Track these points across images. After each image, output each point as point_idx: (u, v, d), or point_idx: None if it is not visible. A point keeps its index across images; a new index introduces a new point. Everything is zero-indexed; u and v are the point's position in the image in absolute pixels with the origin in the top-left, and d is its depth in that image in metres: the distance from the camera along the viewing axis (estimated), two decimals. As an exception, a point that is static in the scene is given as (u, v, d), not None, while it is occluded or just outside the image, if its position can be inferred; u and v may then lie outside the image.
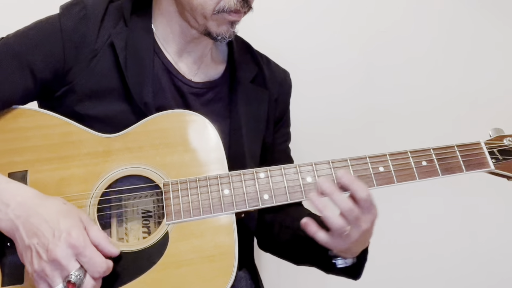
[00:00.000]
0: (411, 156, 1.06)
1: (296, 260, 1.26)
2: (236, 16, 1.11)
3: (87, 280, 0.89)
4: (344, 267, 1.10)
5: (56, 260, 0.87)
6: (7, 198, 0.94)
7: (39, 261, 0.89)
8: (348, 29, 1.81)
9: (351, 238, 0.99)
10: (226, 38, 1.13)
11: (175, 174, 1.04)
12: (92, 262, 0.90)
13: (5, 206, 0.93)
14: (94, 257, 0.90)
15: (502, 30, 1.89)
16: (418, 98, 1.83)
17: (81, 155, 1.05)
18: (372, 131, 1.78)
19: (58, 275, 0.88)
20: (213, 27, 1.11)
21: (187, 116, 1.09)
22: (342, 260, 1.10)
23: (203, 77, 1.22)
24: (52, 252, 0.87)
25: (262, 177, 1.04)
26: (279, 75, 1.32)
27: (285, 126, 1.35)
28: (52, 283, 0.88)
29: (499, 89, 1.86)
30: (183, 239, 0.99)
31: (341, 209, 0.98)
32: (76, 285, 0.87)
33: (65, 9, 1.12)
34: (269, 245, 1.31)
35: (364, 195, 0.97)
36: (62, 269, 0.88)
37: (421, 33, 1.85)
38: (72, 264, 0.88)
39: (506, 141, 1.07)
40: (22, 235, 0.91)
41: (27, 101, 1.11)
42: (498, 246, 1.90)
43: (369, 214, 0.99)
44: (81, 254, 0.89)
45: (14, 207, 0.92)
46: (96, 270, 0.90)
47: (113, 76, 1.11)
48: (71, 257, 0.88)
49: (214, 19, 1.10)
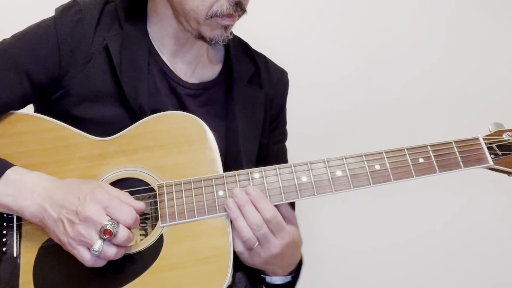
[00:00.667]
0: (407, 153, 1.04)
1: None
2: (229, 20, 1.10)
3: (121, 228, 0.92)
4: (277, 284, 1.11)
5: (88, 217, 0.91)
6: (31, 184, 0.97)
7: (72, 227, 0.92)
8: (345, 27, 1.80)
9: (260, 257, 1.01)
10: (220, 42, 1.12)
11: (170, 176, 1.04)
12: (121, 211, 0.93)
13: (31, 192, 0.96)
14: (121, 206, 0.94)
15: (502, 25, 1.88)
16: (415, 95, 1.82)
17: (76, 158, 1.05)
18: (369, 128, 1.76)
19: (93, 232, 0.91)
20: (207, 32, 1.10)
21: (181, 118, 1.08)
22: (277, 277, 1.11)
23: (199, 78, 1.21)
24: (82, 212, 0.91)
25: (257, 178, 1.03)
26: (276, 75, 1.31)
27: (280, 126, 1.34)
28: (90, 241, 0.91)
29: (500, 84, 1.84)
30: (178, 241, 0.99)
31: (249, 223, 0.98)
32: (113, 233, 0.90)
33: (60, 12, 1.12)
34: None
35: (268, 215, 0.99)
36: (95, 224, 0.91)
37: (419, 29, 1.84)
38: (103, 217, 0.92)
39: (506, 136, 1.05)
40: (50, 212, 0.94)
41: (23, 105, 1.11)
42: (497, 244, 1.88)
43: (279, 239, 1.00)
44: (108, 207, 0.93)
45: (40, 192, 0.96)
46: (127, 217, 0.93)
47: (108, 79, 1.11)
48: (101, 211, 0.92)
49: (207, 24, 1.09)
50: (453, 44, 1.86)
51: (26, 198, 0.96)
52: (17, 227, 1.01)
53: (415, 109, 1.81)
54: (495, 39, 1.88)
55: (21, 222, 1.02)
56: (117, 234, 0.91)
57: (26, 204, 0.96)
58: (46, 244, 1.00)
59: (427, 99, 1.82)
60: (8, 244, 1.00)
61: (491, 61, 1.87)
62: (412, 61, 1.83)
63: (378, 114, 1.80)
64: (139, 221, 0.98)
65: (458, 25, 1.87)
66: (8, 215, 1.02)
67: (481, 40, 1.87)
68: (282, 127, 1.35)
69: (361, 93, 1.80)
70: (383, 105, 1.80)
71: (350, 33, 1.80)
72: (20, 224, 1.01)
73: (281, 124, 1.34)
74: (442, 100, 1.83)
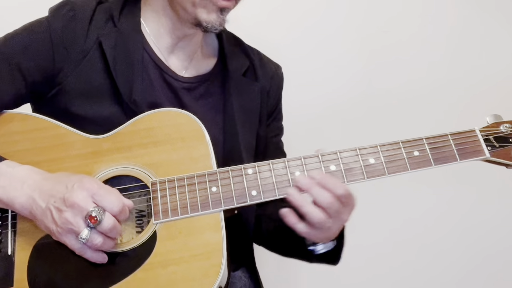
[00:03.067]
0: (402, 146, 1.03)
1: (282, 252, 1.26)
2: (225, 3, 1.09)
3: (107, 215, 0.93)
4: (323, 253, 1.10)
5: (75, 204, 0.92)
6: (22, 176, 0.98)
7: (59, 214, 0.93)
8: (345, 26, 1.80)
9: (333, 230, 1.00)
10: (217, 27, 1.11)
11: (164, 173, 1.03)
12: (108, 199, 0.94)
13: (21, 184, 0.97)
14: (108, 194, 0.95)
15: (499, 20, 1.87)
16: (413, 88, 1.81)
17: (70, 157, 1.05)
18: (364, 122, 1.76)
19: (80, 219, 0.92)
20: (203, 15, 1.10)
21: (175, 114, 1.08)
22: (323, 244, 1.09)
23: (194, 72, 1.21)
24: (69, 198, 0.92)
25: (250, 173, 1.03)
26: (271, 68, 1.31)
27: (277, 120, 1.34)
28: (77, 229, 0.92)
29: (498, 77, 1.82)
30: (171, 238, 0.99)
31: (321, 205, 0.97)
32: (98, 220, 0.91)
33: (53, 11, 1.13)
34: (259, 238, 1.30)
35: (340, 191, 0.97)
36: (82, 210, 0.92)
37: (416, 24, 1.83)
38: (89, 203, 0.92)
39: (503, 128, 1.03)
40: (38, 202, 0.95)
41: (19, 104, 1.12)
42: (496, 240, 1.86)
43: (349, 206, 0.99)
44: (95, 194, 0.93)
45: (30, 183, 0.97)
46: (113, 205, 0.94)
47: (102, 76, 1.11)
48: (88, 198, 0.93)
49: (202, 6, 1.09)
50: (450, 38, 1.85)
51: (16, 189, 0.97)
52: (11, 225, 1.02)
53: (413, 103, 1.80)
54: (492, 33, 1.87)
55: (15, 220, 1.02)
56: (102, 221, 0.92)
57: (16, 195, 0.97)
58: (40, 242, 1.00)
59: (425, 92, 1.81)
60: (2, 242, 1.01)
61: (490, 54, 1.85)
62: (410, 55, 1.82)
63: (374, 109, 1.79)
64: (129, 215, 0.98)
65: (455, 20, 1.86)
66: (3, 214, 1.03)
67: (478, 33, 1.86)
68: (279, 121, 1.35)
69: (356, 86, 1.80)
70: (378, 99, 1.80)
71: (349, 32, 1.80)
72: (14, 223, 1.02)
73: (278, 118, 1.34)
74: (441, 94, 1.82)
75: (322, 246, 1.09)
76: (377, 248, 1.80)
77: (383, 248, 1.81)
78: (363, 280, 1.82)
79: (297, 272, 1.80)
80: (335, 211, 0.97)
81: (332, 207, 0.97)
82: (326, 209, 0.97)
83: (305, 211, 0.98)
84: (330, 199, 0.97)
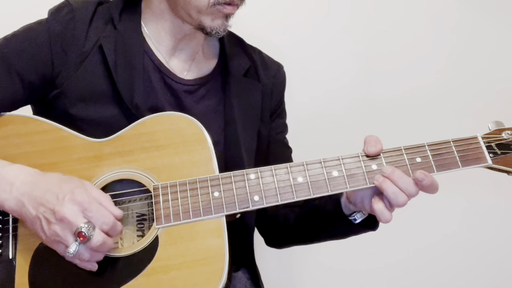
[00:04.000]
0: (405, 152, 1.03)
1: (311, 237, 1.26)
2: (231, 9, 1.10)
3: (97, 232, 0.91)
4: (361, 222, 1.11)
5: (64, 218, 0.90)
6: (11, 177, 0.97)
7: (49, 226, 0.91)
8: (345, 26, 1.80)
9: None
10: (221, 33, 1.12)
11: (166, 177, 1.03)
12: (98, 215, 0.92)
13: (10, 186, 0.96)
14: (99, 210, 0.93)
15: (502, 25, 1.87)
16: (414, 94, 1.81)
17: (72, 160, 1.05)
18: (366, 128, 1.75)
19: (69, 233, 0.91)
20: (207, 22, 1.10)
21: (177, 118, 1.07)
22: (360, 213, 1.10)
23: (195, 74, 1.21)
24: (59, 212, 0.91)
25: (253, 178, 1.02)
26: (273, 67, 1.31)
27: (281, 117, 1.34)
28: (66, 242, 0.91)
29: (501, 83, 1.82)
30: (173, 242, 0.99)
31: (408, 193, 0.99)
32: (87, 236, 0.90)
33: (53, 13, 1.13)
34: (278, 236, 1.30)
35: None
36: (71, 225, 0.90)
37: (418, 27, 1.83)
38: (79, 219, 0.91)
39: (505, 135, 1.03)
40: (29, 209, 0.94)
41: (17, 106, 1.11)
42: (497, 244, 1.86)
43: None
44: (86, 210, 0.92)
45: (19, 186, 0.95)
46: (104, 222, 0.92)
47: (103, 79, 1.11)
48: (78, 213, 0.91)
49: (209, 13, 1.09)
50: (452, 43, 1.85)
51: (5, 191, 0.96)
52: (12, 229, 1.02)
53: (415, 109, 1.80)
54: (495, 38, 1.86)
55: (16, 224, 1.02)
56: (91, 238, 0.91)
57: (5, 198, 0.96)
58: (41, 245, 0.99)
59: (427, 98, 1.81)
60: (3, 246, 1.00)
61: (492, 58, 1.85)
62: (412, 61, 1.82)
63: (375, 113, 1.79)
64: (121, 230, 0.97)
65: (457, 25, 1.86)
66: (4, 217, 1.02)
67: (480, 38, 1.86)
68: (282, 119, 1.35)
69: (360, 93, 1.79)
70: (381, 105, 1.79)
71: (352, 34, 1.80)
72: (15, 226, 1.02)
73: (281, 115, 1.35)
74: (443, 99, 1.82)
75: (360, 214, 1.10)
76: (376, 249, 1.80)
77: (382, 249, 1.82)
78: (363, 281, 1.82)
79: (298, 272, 1.80)
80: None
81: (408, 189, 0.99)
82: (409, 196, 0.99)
83: (390, 191, 0.98)
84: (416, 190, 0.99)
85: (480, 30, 1.86)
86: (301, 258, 1.79)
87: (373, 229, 1.13)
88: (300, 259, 1.79)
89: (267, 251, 1.32)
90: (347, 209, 1.11)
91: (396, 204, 0.99)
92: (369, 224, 1.12)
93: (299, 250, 1.34)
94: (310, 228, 1.23)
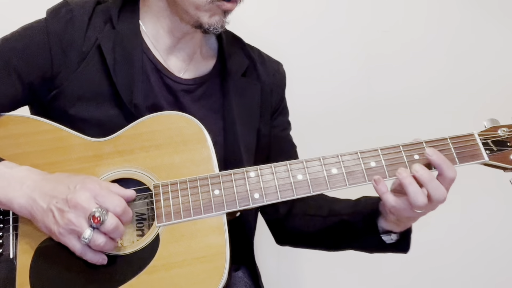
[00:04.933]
0: (403, 150, 1.04)
1: (330, 247, 1.27)
2: (230, 5, 1.10)
3: (110, 216, 0.93)
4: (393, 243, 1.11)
5: (78, 204, 0.92)
6: (21, 177, 0.98)
7: (62, 215, 0.92)
8: (345, 26, 1.81)
9: (424, 213, 1.02)
10: (218, 29, 1.12)
11: (166, 176, 1.04)
12: (110, 200, 0.94)
13: (20, 184, 0.97)
14: (111, 195, 0.95)
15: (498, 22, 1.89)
16: (412, 93, 1.82)
17: (72, 160, 1.05)
18: (365, 126, 1.77)
19: (83, 219, 0.92)
20: (205, 18, 1.10)
21: (177, 118, 1.08)
22: (388, 236, 1.10)
23: (193, 73, 1.21)
24: (72, 199, 0.92)
25: (253, 176, 1.03)
26: (272, 66, 1.32)
27: (283, 115, 1.35)
28: (80, 229, 0.92)
29: (497, 81, 1.85)
30: (174, 241, 0.99)
31: (430, 191, 0.98)
32: (101, 220, 0.91)
33: (51, 13, 1.13)
34: (292, 238, 1.30)
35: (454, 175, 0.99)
36: (85, 211, 0.92)
37: (417, 26, 1.84)
38: (92, 204, 0.92)
39: (501, 132, 1.04)
40: (39, 203, 0.95)
41: (16, 106, 1.11)
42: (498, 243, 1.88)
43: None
44: (98, 195, 0.93)
45: (29, 184, 0.97)
46: (116, 206, 0.94)
47: (102, 79, 1.11)
48: (91, 199, 0.93)
49: (207, 10, 1.09)
50: (449, 42, 1.86)
51: (15, 189, 0.96)
52: (13, 228, 1.01)
53: (412, 107, 1.81)
54: (491, 36, 1.88)
55: (17, 223, 1.02)
56: (105, 221, 0.92)
57: (15, 195, 0.96)
58: (42, 245, 0.99)
59: (423, 96, 1.82)
60: (4, 245, 1.00)
61: (487, 58, 1.87)
62: (409, 59, 1.83)
63: (375, 111, 1.80)
64: (131, 216, 0.98)
65: (454, 23, 1.87)
66: (4, 216, 1.02)
67: (477, 37, 1.88)
68: (285, 116, 1.36)
69: (358, 91, 1.80)
70: (379, 103, 1.80)
71: (350, 33, 1.81)
72: (16, 225, 1.01)
73: (284, 113, 1.35)
74: (439, 97, 1.83)
75: (396, 236, 1.10)
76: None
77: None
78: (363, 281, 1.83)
79: (298, 272, 1.80)
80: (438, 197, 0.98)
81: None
82: (431, 197, 0.98)
83: (410, 190, 0.98)
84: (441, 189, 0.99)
85: (478, 29, 1.87)
86: (301, 258, 1.79)
87: (404, 251, 1.13)
88: (300, 259, 1.79)
89: (267, 251, 1.33)
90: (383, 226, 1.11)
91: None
92: (400, 246, 1.12)
93: (299, 250, 1.35)
94: (334, 240, 1.23)
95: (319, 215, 1.22)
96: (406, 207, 0.99)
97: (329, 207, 1.22)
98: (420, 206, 0.98)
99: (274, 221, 1.31)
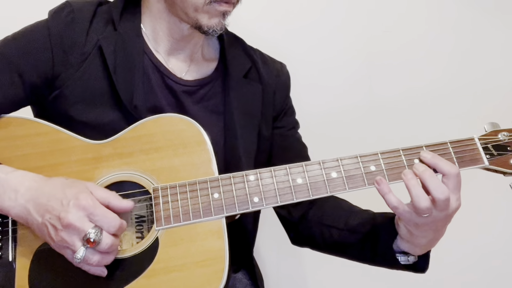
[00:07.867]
0: (403, 154, 1.03)
1: (343, 256, 1.24)
2: (227, 6, 1.09)
3: (105, 235, 0.92)
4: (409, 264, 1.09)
5: (71, 225, 0.90)
6: (15, 184, 0.97)
7: (56, 233, 0.92)
8: (345, 26, 1.80)
9: (436, 222, 0.99)
10: (217, 31, 1.11)
11: (165, 179, 1.03)
12: (105, 219, 0.92)
13: (14, 193, 0.96)
14: (105, 213, 0.93)
15: (500, 25, 1.88)
16: (412, 96, 1.82)
17: (71, 162, 1.05)
18: (365, 129, 1.76)
19: (76, 239, 0.91)
20: (204, 20, 1.10)
21: (176, 120, 1.08)
22: (405, 257, 1.09)
23: (194, 74, 1.21)
24: (65, 218, 0.91)
25: (252, 180, 1.03)
26: (275, 67, 1.31)
27: (289, 115, 1.34)
28: (73, 248, 0.91)
29: (497, 85, 1.84)
30: (173, 244, 0.99)
31: (430, 191, 0.96)
32: (96, 242, 0.90)
33: (53, 14, 1.12)
34: (309, 243, 1.29)
35: (455, 170, 0.97)
36: (78, 231, 0.90)
37: (419, 27, 1.84)
38: (86, 224, 0.91)
39: (501, 136, 1.04)
40: (34, 216, 0.94)
41: (17, 107, 1.11)
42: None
43: (458, 193, 0.98)
44: (92, 214, 0.92)
45: (23, 192, 0.96)
46: (110, 225, 0.92)
47: (103, 80, 1.11)
48: (84, 218, 0.91)
49: (205, 11, 1.09)
50: (450, 45, 1.86)
51: (10, 199, 0.96)
52: (12, 231, 1.01)
53: (412, 110, 1.81)
54: (492, 39, 1.88)
55: (16, 226, 1.01)
56: (100, 242, 0.91)
57: (11, 205, 0.96)
58: (41, 248, 0.99)
59: (423, 99, 1.82)
60: (3, 249, 1.00)
61: (489, 61, 1.86)
62: (411, 62, 1.83)
63: (375, 115, 1.79)
64: (126, 227, 0.97)
65: (455, 26, 1.87)
66: (3, 220, 1.02)
67: (478, 40, 1.87)
68: (291, 115, 1.35)
69: (359, 95, 1.80)
70: (379, 106, 1.80)
71: (351, 33, 1.80)
72: (15, 229, 1.01)
73: (290, 113, 1.34)
74: (439, 101, 1.82)
75: (404, 259, 1.09)
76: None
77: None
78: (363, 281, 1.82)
79: (298, 272, 1.80)
80: (443, 200, 0.96)
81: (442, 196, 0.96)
82: (435, 199, 0.96)
83: (414, 193, 0.96)
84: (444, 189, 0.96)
85: (480, 30, 1.87)
86: (302, 258, 1.79)
87: (421, 271, 1.12)
88: (300, 259, 1.79)
89: (267, 251, 1.32)
90: (399, 246, 1.09)
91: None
92: (417, 266, 1.11)
93: (300, 250, 1.35)
94: (348, 252, 1.21)
95: (335, 227, 1.19)
96: (409, 209, 0.98)
97: (345, 221, 1.19)
98: (422, 208, 0.96)
99: (288, 224, 1.30)
